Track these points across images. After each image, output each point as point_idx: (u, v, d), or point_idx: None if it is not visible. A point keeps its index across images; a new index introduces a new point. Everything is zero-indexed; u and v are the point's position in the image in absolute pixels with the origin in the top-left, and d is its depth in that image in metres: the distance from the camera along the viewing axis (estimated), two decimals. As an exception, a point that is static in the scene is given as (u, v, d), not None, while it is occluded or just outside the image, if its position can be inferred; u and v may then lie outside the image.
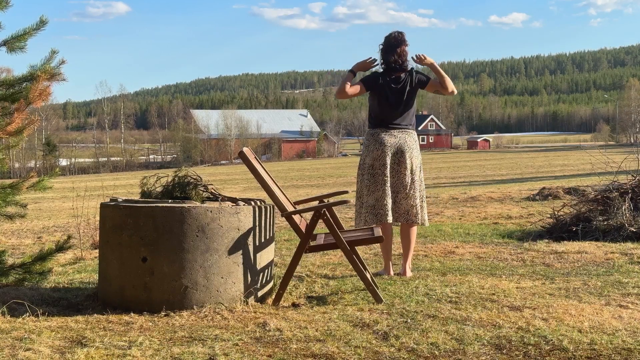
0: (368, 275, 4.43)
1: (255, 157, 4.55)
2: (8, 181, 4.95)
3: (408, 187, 5.09)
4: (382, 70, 5.27)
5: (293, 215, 4.30)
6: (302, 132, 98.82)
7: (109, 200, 4.46)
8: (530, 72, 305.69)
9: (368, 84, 5.19)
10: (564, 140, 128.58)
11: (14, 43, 4.58)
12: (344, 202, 4.32)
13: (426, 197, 6.33)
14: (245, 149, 4.43)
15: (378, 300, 4.20)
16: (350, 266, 4.47)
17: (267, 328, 3.61)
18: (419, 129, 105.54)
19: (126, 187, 34.52)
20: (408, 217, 5.12)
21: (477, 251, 6.29)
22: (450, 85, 5.26)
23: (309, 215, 4.44)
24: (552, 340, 3.33)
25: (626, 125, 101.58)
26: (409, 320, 3.74)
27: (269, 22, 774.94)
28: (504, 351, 3.22)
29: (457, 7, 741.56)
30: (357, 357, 3.16)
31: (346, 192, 5.18)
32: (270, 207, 4.48)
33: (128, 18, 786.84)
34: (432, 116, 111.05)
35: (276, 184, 4.50)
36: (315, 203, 4.69)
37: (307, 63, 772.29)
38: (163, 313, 3.94)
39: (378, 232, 4.53)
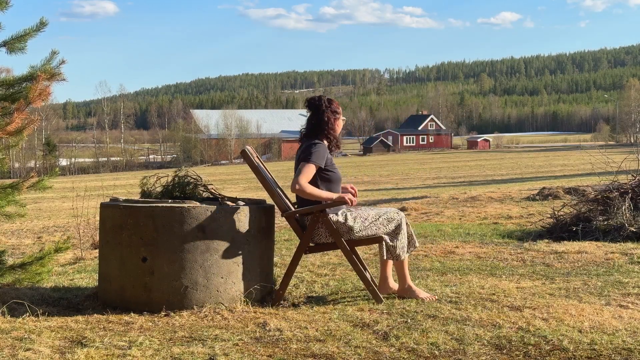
0: (368, 275, 4.43)
1: (257, 157, 4.55)
2: (8, 181, 4.95)
3: None
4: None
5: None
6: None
7: (109, 200, 4.45)
8: (530, 72, 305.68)
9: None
10: (564, 140, 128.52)
11: (14, 44, 4.59)
12: (344, 202, 4.31)
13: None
14: (247, 148, 4.43)
15: (378, 300, 4.20)
16: (350, 266, 4.47)
17: (267, 328, 3.61)
18: (419, 128, 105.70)
19: (126, 187, 34.50)
20: None
21: (477, 251, 6.29)
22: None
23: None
24: (552, 340, 3.33)
25: (626, 125, 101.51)
26: (409, 320, 3.74)
27: (256, 22, 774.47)
28: (504, 351, 3.22)
29: (450, 6, 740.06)
30: (357, 357, 3.16)
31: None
32: (270, 207, 4.47)
33: (118, 18, 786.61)
34: (432, 116, 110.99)
35: (277, 184, 4.50)
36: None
37: (306, 63, 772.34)
38: (163, 313, 3.94)
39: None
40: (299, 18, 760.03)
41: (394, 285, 4.49)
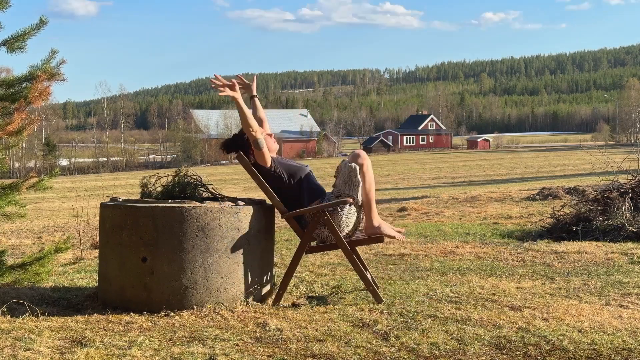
0: (368, 275, 4.43)
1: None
2: (8, 181, 4.95)
3: None
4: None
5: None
6: (302, 132, 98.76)
7: (109, 200, 4.45)
8: (530, 72, 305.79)
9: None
10: (564, 140, 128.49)
11: (14, 43, 4.59)
12: (344, 202, 4.31)
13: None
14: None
15: (378, 300, 4.20)
16: (350, 266, 4.47)
17: (267, 328, 3.61)
18: (419, 128, 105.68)
19: (126, 187, 34.52)
20: None
21: (477, 251, 6.29)
22: (245, 125, 4.40)
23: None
24: (552, 340, 3.33)
25: (626, 125, 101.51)
26: (409, 320, 3.74)
27: (256, 23, 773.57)
28: (504, 351, 3.22)
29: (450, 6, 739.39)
30: (357, 357, 3.16)
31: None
32: (270, 207, 4.47)
33: (118, 18, 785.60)
34: (432, 116, 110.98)
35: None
36: (316, 203, 4.67)
37: (306, 63, 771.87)
38: (163, 313, 3.94)
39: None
40: (299, 18, 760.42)
41: (388, 230, 4.35)
